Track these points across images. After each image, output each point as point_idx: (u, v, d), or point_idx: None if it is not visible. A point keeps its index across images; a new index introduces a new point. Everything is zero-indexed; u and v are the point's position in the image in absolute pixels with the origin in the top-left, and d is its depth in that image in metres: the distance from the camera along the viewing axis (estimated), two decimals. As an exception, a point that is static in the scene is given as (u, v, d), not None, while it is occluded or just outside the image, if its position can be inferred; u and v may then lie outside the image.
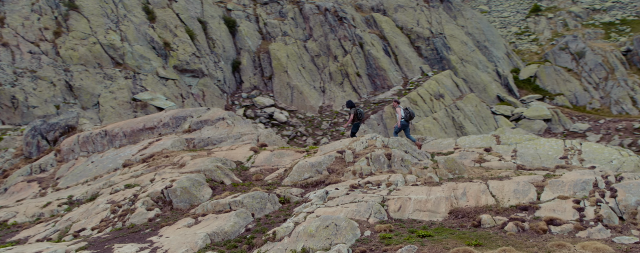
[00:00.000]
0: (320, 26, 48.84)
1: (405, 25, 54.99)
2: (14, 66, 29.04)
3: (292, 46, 46.39)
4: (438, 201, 10.46)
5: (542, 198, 10.11)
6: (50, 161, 17.82)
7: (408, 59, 50.48)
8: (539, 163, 12.62)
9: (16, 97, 27.68)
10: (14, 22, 31.66)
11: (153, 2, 39.28)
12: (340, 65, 46.08)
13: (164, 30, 37.74)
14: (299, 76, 43.63)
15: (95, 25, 34.24)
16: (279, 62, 43.43)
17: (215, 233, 10.01)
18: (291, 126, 38.16)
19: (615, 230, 8.95)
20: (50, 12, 33.38)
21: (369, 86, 46.16)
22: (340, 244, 9.09)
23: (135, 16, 36.97)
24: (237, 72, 43.01)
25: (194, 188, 12.07)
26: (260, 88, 42.83)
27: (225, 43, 42.93)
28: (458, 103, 47.15)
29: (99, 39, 33.50)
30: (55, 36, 32.15)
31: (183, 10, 40.96)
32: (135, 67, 34.13)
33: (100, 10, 35.39)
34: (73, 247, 9.86)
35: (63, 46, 31.68)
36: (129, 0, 37.78)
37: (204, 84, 37.77)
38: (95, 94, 30.56)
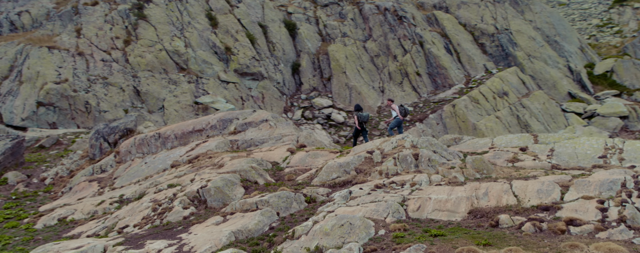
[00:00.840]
0: (380, 26, 48.80)
1: (468, 22, 53.78)
2: (88, 73, 31.27)
3: (351, 47, 46.69)
4: (458, 201, 10.47)
5: (566, 198, 9.89)
6: (110, 162, 19.22)
7: (471, 56, 49.35)
8: (575, 162, 12.20)
9: (89, 102, 29.81)
10: (89, 33, 34.07)
11: (216, 8, 40.89)
12: (399, 64, 45.85)
13: (225, 36, 39.20)
14: (357, 76, 43.87)
15: (162, 33, 36.15)
16: (338, 63, 43.86)
17: (239, 231, 10.55)
18: (348, 127, 38.46)
19: (638, 231, 8.65)
20: (121, 22, 35.61)
21: (429, 85, 45.61)
22: (353, 243, 9.36)
23: (199, 23, 38.66)
24: (296, 74, 43.87)
25: (227, 187, 12.72)
26: (319, 89, 43.44)
27: (285, 46, 43.91)
28: (524, 100, 45.54)
29: (165, 46, 35.35)
30: (125, 44, 34.27)
31: (244, 15, 42.32)
32: (198, 71, 35.72)
33: (167, 19, 37.32)
34: (111, 243, 10.74)
35: (132, 53, 33.72)
36: (193, 8, 39.56)
37: (264, 87, 38.85)
38: (161, 98, 32.30)
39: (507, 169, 12.05)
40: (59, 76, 30.17)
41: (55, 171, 20.04)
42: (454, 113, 40.24)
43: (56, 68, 30.54)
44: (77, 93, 29.77)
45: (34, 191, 18.92)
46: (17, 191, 18.94)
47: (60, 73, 30.35)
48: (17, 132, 27.30)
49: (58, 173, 19.82)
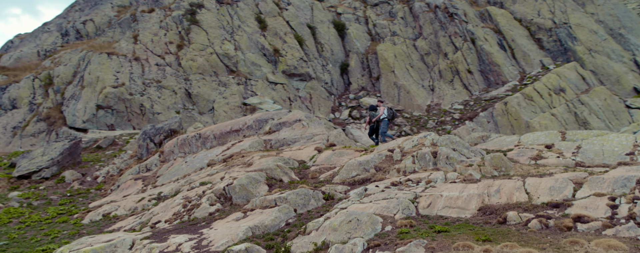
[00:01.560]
0: (430, 24, 48.32)
1: (524, 17, 52.24)
2: (143, 77, 32.95)
3: (401, 46, 46.51)
4: (469, 198, 10.52)
5: (577, 195, 9.75)
6: (154, 161, 20.31)
7: (526, 52, 47.94)
8: (600, 160, 11.86)
9: (144, 105, 31.42)
10: (145, 39, 35.85)
11: (265, 11, 41.89)
12: (450, 62, 45.25)
13: (274, 38, 40.10)
14: (406, 75, 43.66)
15: (213, 37, 37.48)
16: (386, 63, 43.83)
17: (256, 227, 11.04)
18: (396, 126, 38.40)
19: None
20: (175, 27, 37.23)
21: (481, 82, 44.73)
22: (358, 238, 9.63)
23: (248, 26, 39.76)
24: (345, 74, 44.21)
25: (251, 185, 13.26)
26: (368, 89, 43.58)
27: (333, 46, 44.34)
28: (582, 97, 43.81)
29: (216, 49, 36.64)
30: (178, 48, 35.81)
31: (293, 17, 43.10)
32: (247, 73, 36.77)
33: (218, 23, 38.65)
34: (139, 237, 11.52)
35: (184, 57, 35.19)
36: (243, 12, 40.73)
37: (311, 87, 39.44)
38: (211, 100, 33.54)
39: (526, 166, 11.92)
40: (117, 80, 31.97)
41: (107, 170, 21.41)
42: (505, 111, 39.32)
43: (114, 73, 32.37)
44: (132, 96, 31.44)
45: (87, 188, 20.30)
46: (72, 188, 20.39)
47: (118, 78, 32.15)
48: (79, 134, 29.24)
49: (109, 172, 21.17)
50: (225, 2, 40.57)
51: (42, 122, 30.67)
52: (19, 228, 16.06)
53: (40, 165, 21.43)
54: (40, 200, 19.27)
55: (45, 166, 21.41)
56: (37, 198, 19.45)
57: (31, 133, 30.02)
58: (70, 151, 22.55)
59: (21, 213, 17.74)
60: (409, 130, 37.82)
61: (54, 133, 29.76)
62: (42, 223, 16.41)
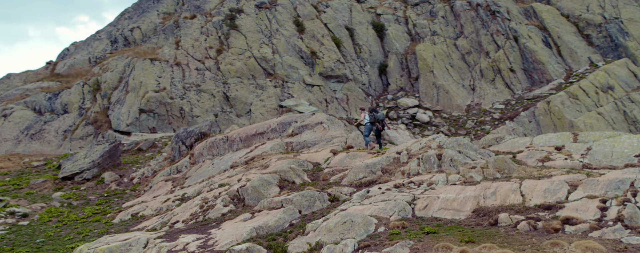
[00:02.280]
0: (472, 22, 47.59)
1: (571, 13, 50.56)
2: (184, 81, 34.23)
3: (441, 45, 46.06)
4: (465, 200, 10.62)
5: (570, 197, 9.71)
6: (185, 163, 21.21)
7: (573, 49, 46.43)
8: (608, 161, 11.60)
9: (183, 108, 32.66)
10: (186, 44, 37.20)
11: (303, 14, 42.52)
12: (491, 61, 44.44)
13: (311, 40, 40.65)
14: (445, 75, 43.23)
15: (251, 41, 38.42)
16: (425, 63, 43.54)
17: (260, 227, 11.51)
18: (434, 126, 38.14)
19: (635, 231, 8.42)
20: (215, 32, 38.42)
21: (524, 81, 43.68)
22: (350, 238, 9.95)
23: (286, 29, 40.50)
24: (383, 75, 44.23)
25: (263, 187, 13.76)
26: (407, 89, 43.42)
27: (371, 47, 44.45)
28: (633, 94, 42.05)
29: (253, 53, 37.55)
30: (217, 53, 36.96)
31: (331, 20, 43.52)
32: (284, 76, 37.49)
33: (256, 27, 39.59)
34: (153, 236, 12.22)
35: (223, 61, 36.28)
36: (282, 15, 41.50)
37: (348, 89, 39.73)
38: (248, 102, 34.44)
39: (530, 168, 11.84)
40: (158, 85, 33.36)
41: (142, 172, 22.51)
42: (548, 110, 38.29)
43: (156, 78, 33.80)
44: (173, 100, 32.74)
45: (123, 189, 21.43)
46: (110, 189, 21.58)
47: (160, 82, 33.54)
48: (123, 136, 30.74)
49: (144, 174, 22.25)
50: (264, 6, 41.47)
51: (90, 126, 32.42)
52: (56, 227, 17.23)
53: (82, 167, 22.77)
54: (79, 200, 20.53)
55: (86, 168, 22.73)
56: (77, 198, 20.73)
57: (80, 136, 31.79)
58: (110, 154, 23.84)
59: (61, 212, 18.99)
60: (447, 131, 37.48)
61: (100, 135, 31.42)
62: (77, 222, 17.53)
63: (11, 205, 20.23)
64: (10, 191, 22.89)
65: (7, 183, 24.13)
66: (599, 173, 10.56)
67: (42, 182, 23.42)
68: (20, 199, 21.23)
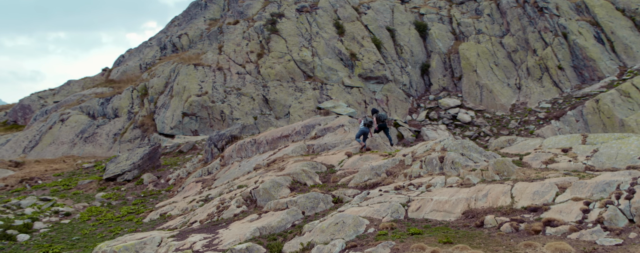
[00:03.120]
0: (518, 20, 46.43)
1: (627, 7, 48.34)
2: (225, 85, 35.40)
3: (486, 44, 45.22)
4: (457, 202, 10.74)
5: (557, 199, 9.69)
6: (216, 165, 22.08)
7: (628, 45, 44.40)
8: (611, 163, 11.31)
9: (224, 111, 33.80)
10: (228, 49, 38.42)
11: (343, 17, 42.89)
12: (539, 59, 43.20)
13: (351, 42, 40.96)
14: (489, 74, 42.43)
15: (291, 44, 39.19)
16: (468, 62, 42.90)
17: (263, 228, 12.02)
18: (475, 126, 37.56)
19: (613, 232, 8.38)
20: (256, 37, 39.46)
21: (573, 79, 42.20)
22: (339, 239, 10.30)
23: (326, 32, 41.00)
24: (425, 75, 43.91)
25: (273, 189, 14.28)
26: (449, 89, 42.93)
27: (413, 48, 44.23)
28: (693, 91, 39.83)
29: (293, 56, 38.29)
30: (258, 57, 37.95)
31: (371, 21, 43.66)
32: (324, 78, 38.00)
33: (296, 31, 40.32)
34: (166, 235, 13.00)
35: (263, 65, 37.23)
36: (322, 19, 42.05)
37: (388, 90, 39.74)
38: (287, 105, 35.19)
39: (529, 171, 11.74)
40: (201, 89, 34.67)
41: (178, 173, 23.60)
42: (597, 109, 36.88)
43: (199, 82, 35.14)
44: (214, 104, 33.94)
45: (159, 190, 22.58)
46: (147, 190, 22.78)
47: (202, 87, 34.86)
48: (167, 139, 32.17)
49: (179, 175, 23.33)
50: (304, 10, 42.15)
51: (138, 129, 34.14)
52: (93, 225, 18.46)
53: (124, 169, 24.13)
54: (118, 200, 21.82)
55: (127, 169, 24.07)
56: (116, 198, 22.04)
57: (128, 139, 33.54)
58: (150, 156, 25.12)
59: (100, 211, 20.28)
60: (489, 131, 36.83)
61: (147, 138, 33.03)
62: (112, 221, 18.70)
63: (58, 204, 21.77)
64: (60, 191, 24.58)
65: (58, 184, 25.90)
66: (590, 175, 10.42)
67: (88, 183, 25.00)
68: (67, 199, 22.79)
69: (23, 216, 20.06)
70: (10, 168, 31.20)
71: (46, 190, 25.11)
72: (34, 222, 19.21)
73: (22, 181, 27.93)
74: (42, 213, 20.32)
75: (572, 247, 8.05)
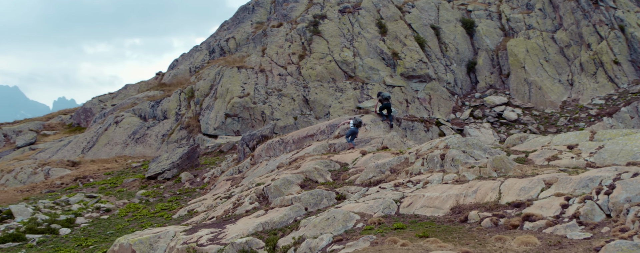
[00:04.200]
0: (572, 13, 44.66)
1: (692, -4, 45.53)
2: (266, 87, 36.29)
3: (536, 39, 43.81)
4: (447, 198, 10.80)
5: (541, 195, 9.61)
6: (246, 164, 22.79)
7: (692, 36, 41.81)
8: (612, 160, 10.89)
9: (265, 112, 34.66)
10: (271, 51, 39.33)
11: (386, 16, 42.84)
12: (593, 53, 41.40)
13: (394, 41, 40.86)
14: (539, 70, 41.09)
15: (333, 45, 39.59)
16: (516, 59, 41.75)
17: (266, 223, 12.49)
18: (522, 124, 36.53)
19: (587, 227, 8.32)
20: (298, 39, 40.15)
21: (631, 74, 40.16)
22: (327, 233, 10.60)
23: (368, 32, 41.11)
24: (472, 73, 43.09)
25: (284, 186, 14.71)
26: (497, 87, 41.92)
27: (459, 45, 43.51)
28: None
29: (334, 57, 38.67)
30: (299, 58, 38.61)
31: (415, 20, 43.35)
32: (365, 78, 38.15)
33: (338, 31, 40.69)
34: (180, 229, 13.71)
35: (305, 66, 37.84)
36: (364, 19, 42.19)
37: (431, 88, 39.34)
38: (327, 105, 35.62)
39: (527, 167, 11.54)
40: (243, 91, 35.71)
41: (213, 172, 24.54)
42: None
43: (241, 84, 36.20)
44: (256, 105, 34.88)
45: (194, 188, 23.57)
46: (183, 188, 23.84)
47: (244, 88, 35.89)
48: (210, 139, 33.37)
49: (214, 174, 24.25)
50: (347, 11, 42.44)
51: (184, 130, 35.61)
52: (128, 221, 19.59)
53: (163, 168, 25.35)
54: (156, 197, 22.98)
55: (167, 168, 25.27)
56: (154, 195, 23.22)
57: (175, 140, 35.05)
58: (188, 156, 26.23)
59: (137, 208, 21.46)
60: (536, 129, 35.72)
61: (192, 139, 34.40)
62: (146, 217, 19.77)
63: (102, 201, 23.21)
64: (107, 189, 26.15)
65: (106, 182, 27.54)
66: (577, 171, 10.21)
67: (132, 181, 26.44)
68: (111, 196, 24.24)
69: (69, 211, 21.55)
70: (68, 167, 33.41)
71: (95, 187, 26.77)
72: (76, 217, 20.61)
73: (76, 180, 29.87)
74: (85, 209, 21.75)
75: (539, 240, 8.06)
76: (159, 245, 13.32)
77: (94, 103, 48.87)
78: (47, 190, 27.94)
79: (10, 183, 32.58)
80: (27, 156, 41.51)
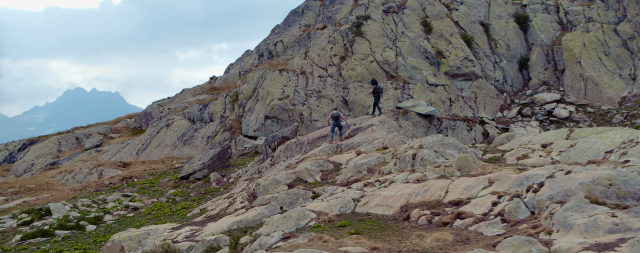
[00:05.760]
0: (636, 3, 41.72)
1: None
2: (306, 89, 36.73)
3: (595, 33, 41.29)
4: (400, 197, 10.69)
5: (481, 193, 9.43)
6: (266, 165, 23.25)
7: None
8: (576, 158, 10.22)
9: (303, 113, 35.10)
10: (313, 54, 39.75)
11: (431, 15, 42.02)
12: (658, 45, 38.47)
13: (438, 40, 40.00)
14: (596, 65, 38.72)
15: (375, 45, 39.39)
16: (571, 53, 39.57)
17: (241, 221, 12.84)
18: (573, 122, 34.59)
19: (508, 224, 8.21)
20: (341, 40, 40.29)
21: (702, 66, 36.93)
22: (280, 231, 10.81)
23: (412, 31, 40.51)
24: (524, 69, 41.33)
25: (271, 186, 14.97)
26: (551, 83, 39.93)
27: (510, 41, 41.87)
28: None
29: (376, 57, 38.46)
30: (340, 60, 38.74)
31: (463, 17, 42.19)
32: (407, 77, 37.64)
33: (381, 32, 40.42)
34: (168, 227, 14.37)
35: (345, 67, 37.93)
36: (409, 18, 41.63)
37: (478, 86, 38.14)
38: (366, 105, 35.49)
39: (490, 166, 11.08)
40: (283, 93, 36.36)
41: (238, 173, 25.24)
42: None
43: (282, 87, 36.87)
44: (295, 106, 35.40)
45: (218, 188, 24.36)
46: (210, 187, 24.70)
47: (284, 91, 36.52)
48: (250, 141, 34.25)
49: (239, 174, 24.93)
50: (391, 10, 42.06)
51: (227, 132, 36.78)
52: (148, 218, 20.61)
53: (195, 168, 26.39)
54: (182, 196, 23.99)
55: (198, 169, 26.29)
56: (181, 195, 24.24)
57: (218, 141, 36.28)
58: (219, 157, 27.13)
59: (162, 206, 22.52)
60: (587, 127, 33.66)
61: (233, 140, 35.47)
62: (165, 215, 20.71)
63: (135, 200, 24.55)
64: (145, 188, 27.59)
65: (147, 182, 29.06)
66: (520, 169, 9.78)
67: (167, 181, 27.72)
68: (144, 195, 25.57)
69: (101, 209, 23.01)
70: (119, 168, 35.51)
71: (136, 187, 28.32)
72: (105, 214, 21.97)
73: (123, 179, 31.71)
74: (116, 208, 23.12)
75: (453, 236, 7.96)
76: (147, 242, 14.03)
77: (153, 107, 51.49)
78: (95, 189, 29.88)
79: (69, 183, 35.10)
80: (92, 158, 44.49)
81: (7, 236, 20.28)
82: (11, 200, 30.59)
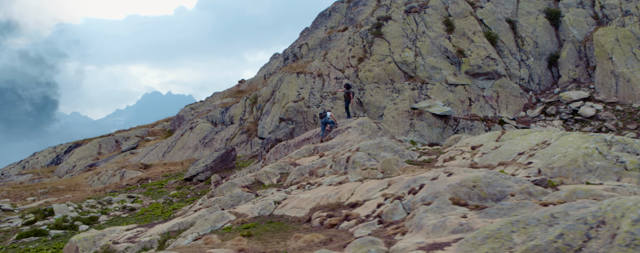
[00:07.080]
0: (677, -6, 39.09)
1: None
2: (322, 91, 36.66)
3: (632, 26, 38.96)
4: (314, 199, 10.54)
5: (374, 196, 9.19)
6: (257, 167, 23.38)
7: None
8: (491, 160, 9.64)
9: (316, 115, 35.01)
10: (331, 56, 39.64)
11: (454, 13, 40.94)
12: (700, 38, 35.86)
13: (460, 39, 38.92)
14: (630, 61, 36.51)
15: (394, 46, 38.79)
16: (602, 49, 37.50)
17: (181, 223, 12.98)
18: (599, 121, 32.76)
19: (383, 224, 8.15)
20: (360, 42, 39.96)
21: None
22: (194, 233, 10.89)
23: (433, 31, 39.62)
24: (554, 67, 39.53)
25: (226, 188, 15.05)
26: (581, 81, 37.98)
27: (539, 38, 40.17)
28: None
29: (394, 58, 37.87)
30: (358, 61, 38.41)
31: (488, 14, 40.87)
32: (426, 77, 36.84)
33: (401, 32, 39.77)
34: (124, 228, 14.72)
35: (362, 68, 37.58)
36: (430, 17, 40.74)
37: (500, 85, 36.81)
38: (381, 106, 35.03)
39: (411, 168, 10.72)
40: (298, 96, 36.45)
41: (236, 174, 25.51)
42: None
43: (298, 89, 36.97)
44: (309, 108, 35.41)
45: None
46: (208, 189, 25.09)
47: (300, 93, 36.61)
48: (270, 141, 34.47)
49: (236, 176, 25.20)
50: (413, 10, 41.31)
51: (244, 134, 37.24)
52: (137, 219, 21.18)
53: (198, 170, 26.90)
54: (180, 197, 24.50)
55: (200, 170, 26.78)
56: (180, 196, 24.76)
57: (236, 143, 36.81)
58: (222, 159, 27.52)
59: (157, 207, 23.08)
60: (613, 125, 31.83)
61: (249, 142, 35.88)
62: (153, 216, 21.23)
63: (138, 201, 25.31)
64: (153, 189, 28.38)
65: (157, 184, 29.89)
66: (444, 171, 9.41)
67: (173, 183, 28.39)
68: (148, 196, 26.31)
69: (102, 210, 23.86)
70: (140, 170, 36.69)
71: (145, 188, 29.19)
72: (102, 215, 22.76)
73: (139, 181, 32.75)
74: (115, 208, 23.91)
75: (323, 237, 7.88)
76: (100, 243, 14.41)
77: (186, 110, 52.87)
78: (111, 190, 31.02)
79: (94, 184, 36.62)
80: (126, 160, 46.22)
81: (8, 235, 21.39)
82: (37, 200, 32.24)
